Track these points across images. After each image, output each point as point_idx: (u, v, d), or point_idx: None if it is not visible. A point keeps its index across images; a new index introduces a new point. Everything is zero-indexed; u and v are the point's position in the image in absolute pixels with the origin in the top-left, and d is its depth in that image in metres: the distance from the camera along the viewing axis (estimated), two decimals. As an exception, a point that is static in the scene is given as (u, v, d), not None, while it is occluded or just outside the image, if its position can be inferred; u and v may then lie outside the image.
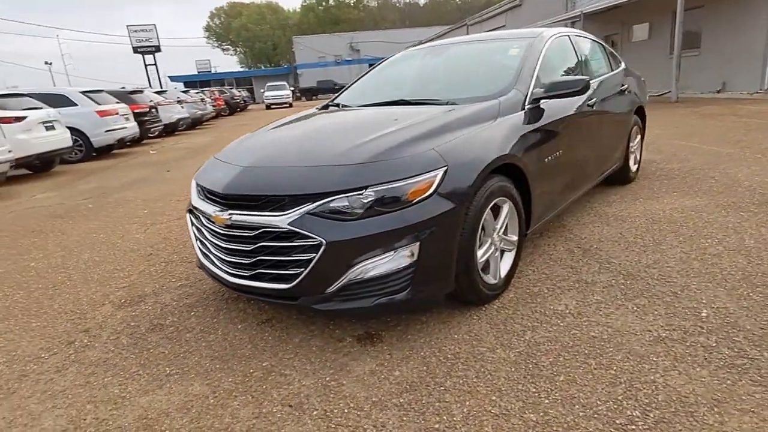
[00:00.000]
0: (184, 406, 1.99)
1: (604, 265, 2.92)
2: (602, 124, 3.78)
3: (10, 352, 2.57)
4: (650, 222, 3.60)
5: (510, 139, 2.60)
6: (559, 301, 2.54)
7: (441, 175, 2.17)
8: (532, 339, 2.22)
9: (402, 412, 1.83)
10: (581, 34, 4.09)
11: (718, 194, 4.12)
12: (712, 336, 2.11)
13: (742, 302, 2.36)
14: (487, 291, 2.49)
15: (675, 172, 5.01)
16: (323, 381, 2.07)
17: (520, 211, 2.68)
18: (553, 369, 2.00)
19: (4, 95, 8.95)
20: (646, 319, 2.29)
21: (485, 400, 1.85)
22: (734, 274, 2.66)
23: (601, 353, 2.07)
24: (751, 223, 3.38)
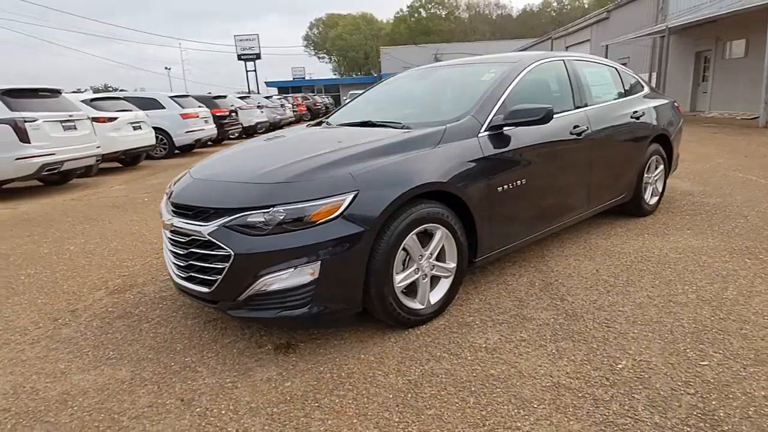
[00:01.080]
0: (102, 388, 2.22)
1: (554, 302, 2.78)
2: (597, 153, 3.56)
3: (9, 323, 3.00)
4: (637, 260, 3.33)
5: (447, 166, 2.58)
6: (484, 334, 2.48)
7: (350, 199, 2.23)
8: (431, 369, 2.20)
9: (268, 421, 1.92)
10: (586, 58, 3.89)
11: (736, 236, 3.70)
12: (611, 390, 1.97)
13: (671, 358, 2.16)
14: (408, 315, 2.49)
15: (706, 207, 4.55)
16: (223, 382, 2.21)
17: (459, 239, 2.64)
18: (429, 402, 1.97)
19: (100, 98, 10.18)
20: (556, 364, 2.17)
21: (346, 422, 1.88)
22: (686, 326, 2.43)
23: (486, 393, 2.01)
24: (749, 272, 3.03)
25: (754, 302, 2.63)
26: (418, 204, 2.45)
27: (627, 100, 4.03)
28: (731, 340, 2.27)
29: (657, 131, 4.18)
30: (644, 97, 4.25)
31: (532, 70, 3.28)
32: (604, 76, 4.00)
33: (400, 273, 2.46)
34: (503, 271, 3.29)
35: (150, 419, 1.98)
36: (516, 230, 3.05)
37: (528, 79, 3.24)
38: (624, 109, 3.92)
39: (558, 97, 3.44)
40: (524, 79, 3.19)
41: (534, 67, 3.30)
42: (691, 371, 2.06)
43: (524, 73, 3.19)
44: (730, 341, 2.27)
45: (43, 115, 7.68)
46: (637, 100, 4.12)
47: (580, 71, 3.65)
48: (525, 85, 3.21)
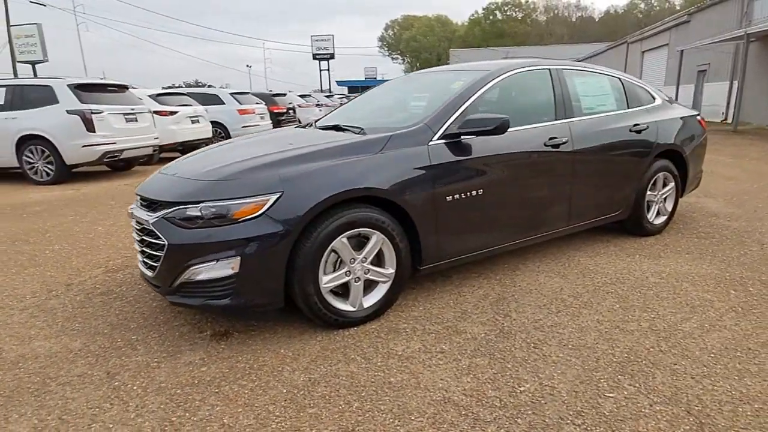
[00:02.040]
0: (52, 355, 2.47)
1: (496, 318, 2.70)
2: (581, 166, 3.37)
3: (14, 290, 3.38)
4: (610, 282, 3.13)
5: (386, 172, 2.58)
6: (407, 342, 2.46)
7: (273, 200, 2.31)
8: (336, 370, 2.23)
9: (167, 401, 2.05)
10: (581, 68, 3.68)
11: (738, 265, 3.36)
12: (497, 412, 1.90)
13: (580, 386, 2.03)
14: (335, 316, 2.53)
15: (724, 231, 4.15)
16: (150, 360, 2.38)
17: (397, 245, 2.63)
18: (315, 401, 2.01)
19: (163, 94, 11.00)
20: (459, 380, 2.12)
21: (232, 410, 1.96)
22: (617, 355, 2.27)
23: (374, 399, 2.01)
24: (725, 305, 2.75)
25: (710, 337, 2.40)
26: (350, 208, 2.48)
27: (626, 113, 3.77)
28: (656, 375, 2.10)
29: (664, 146, 3.87)
30: (653, 109, 3.95)
31: (505, 80, 3.17)
32: (602, 87, 3.76)
33: (330, 274, 2.50)
34: (464, 281, 3.22)
35: (73, 387, 2.17)
36: (472, 241, 2.98)
37: (500, 88, 3.14)
38: (621, 122, 3.67)
39: (535, 108, 3.30)
40: (494, 88, 3.10)
41: (508, 76, 3.19)
42: (591, 402, 1.93)
43: (493, 83, 3.10)
44: (654, 375, 2.09)
45: (108, 107, 8.43)
46: (640, 113, 3.84)
47: (569, 81, 3.47)
48: (495, 94, 3.12)
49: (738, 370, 2.12)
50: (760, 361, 2.19)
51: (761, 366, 2.15)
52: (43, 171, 8.21)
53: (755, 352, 2.26)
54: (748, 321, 2.56)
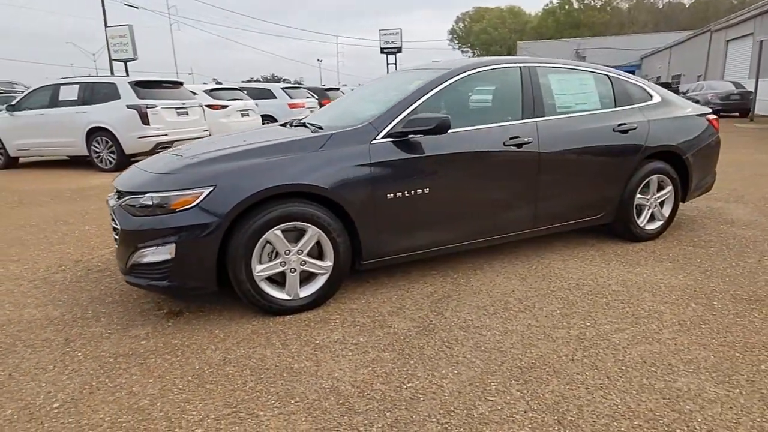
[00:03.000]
0: (32, 321, 2.82)
1: (428, 315, 2.71)
2: (550, 167, 3.26)
3: (35, 263, 3.86)
4: (567, 288, 3.02)
5: (324, 169, 2.68)
6: (330, 333, 2.55)
7: (207, 193, 2.49)
8: (252, 353, 2.37)
9: (96, 367, 2.29)
10: (559, 65, 3.51)
11: (719, 277, 3.10)
12: (371, 404, 1.95)
13: (467, 388, 2.03)
14: (268, 303, 2.68)
15: (730, 240, 3.80)
16: (104, 331, 2.66)
17: (335, 240, 2.73)
18: (217, 379, 2.17)
19: (216, 89, 11.70)
20: (357, 371, 2.19)
21: (144, 381, 2.17)
22: (524, 361, 2.22)
23: (268, 382, 2.13)
24: (676, 318, 2.57)
25: (634, 350, 2.28)
26: (284, 202, 2.61)
27: (611, 112, 3.55)
28: (551, 383, 2.04)
29: (657, 147, 3.62)
30: (647, 108, 3.69)
31: (465, 79, 3.13)
32: (584, 86, 3.57)
33: (265, 263, 2.65)
34: (420, 278, 3.24)
35: (33, 349, 2.50)
36: (419, 239, 2.99)
37: (458, 87, 3.11)
38: (602, 122, 3.48)
39: (497, 107, 3.23)
40: (450, 88, 3.07)
41: (468, 75, 3.14)
42: (468, 404, 1.93)
43: (450, 82, 3.07)
44: (548, 383, 2.04)
45: (161, 102, 9.15)
46: (629, 112, 3.60)
47: (543, 80, 3.34)
48: (452, 94, 3.10)
49: (641, 386, 2.01)
50: (673, 378, 2.05)
51: (669, 383, 2.02)
52: (107, 159, 9.08)
53: (674, 368, 2.12)
54: (689, 336, 2.39)
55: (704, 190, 4.16)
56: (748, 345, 2.30)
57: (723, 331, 2.43)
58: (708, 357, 2.21)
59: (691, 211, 4.76)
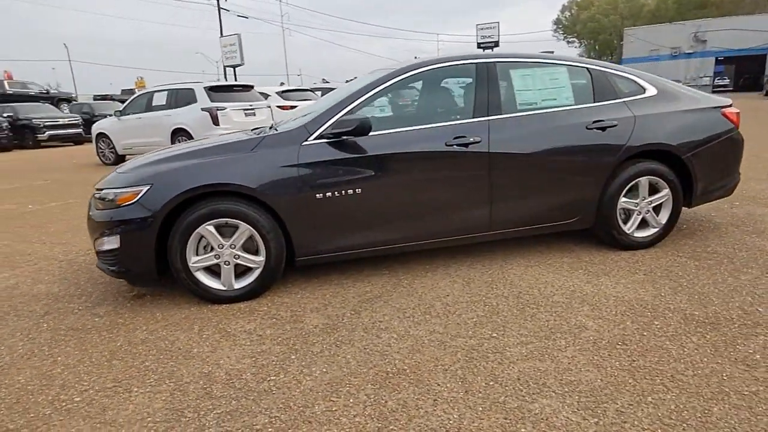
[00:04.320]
0: (34, 295, 3.33)
1: (346, 314, 2.74)
2: (506, 168, 3.07)
3: (72, 246, 4.52)
4: (506, 297, 2.84)
5: (253, 169, 2.82)
6: (246, 323, 2.69)
7: (145, 191, 2.77)
8: (168, 335, 2.60)
9: (49, 337, 2.67)
10: (526, 59, 3.25)
11: (691, 294, 2.70)
12: (226, 392, 2.06)
13: (311, 382, 2.05)
14: (203, 292, 2.90)
15: (740, 251, 3.27)
16: (76, 308, 3.07)
17: (265, 236, 2.86)
18: (122, 355, 2.42)
19: (287, 90, 12.40)
20: (241, 361, 2.32)
21: (63, 353, 2.50)
22: (380, 365, 2.17)
23: (159, 363, 2.33)
24: (595, 336, 2.32)
25: (520, 366, 2.11)
26: (217, 200, 2.81)
27: (585, 108, 3.22)
28: (402, 393, 1.99)
29: (644, 146, 3.21)
30: (637, 102, 3.28)
31: (411, 78, 3.07)
32: (555, 80, 3.26)
33: (201, 255, 2.88)
34: (365, 276, 3.25)
35: (19, 318, 2.98)
36: (354, 239, 3.01)
37: (402, 87, 3.06)
38: (573, 118, 3.17)
39: (444, 106, 3.10)
40: (393, 87, 3.03)
41: (414, 74, 3.07)
42: (309, 402, 1.96)
43: (392, 83, 3.02)
44: (399, 393, 1.99)
45: (231, 105, 9.98)
46: (610, 107, 3.23)
47: (500, 76, 3.14)
48: (394, 93, 3.06)
49: (492, 403, 1.87)
50: (534, 399, 1.88)
51: (525, 404, 1.85)
52: (186, 157, 10.14)
53: (544, 388, 1.94)
54: (592, 356, 2.15)
55: (721, 194, 3.60)
56: (652, 372, 2.01)
57: (636, 355, 2.15)
58: (593, 380, 1.98)
59: (723, 216, 4.13)
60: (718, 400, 1.81)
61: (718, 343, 2.21)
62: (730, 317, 2.43)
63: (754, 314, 2.45)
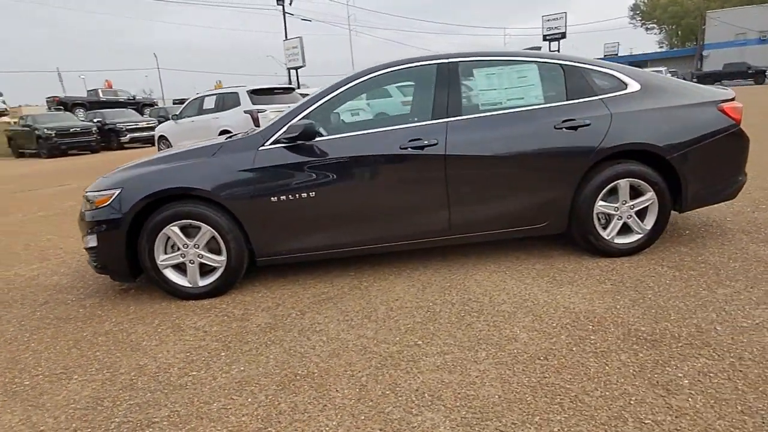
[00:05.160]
0: (39, 285, 3.72)
1: (289, 314, 2.80)
2: (464, 170, 2.97)
3: (61, 241, 4.95)
4: (453, 304, 2.75)
5: (211, 173, 2.96)
6: (198, 319, 2.83)
7: (116, 194, 2.98)
8: (122, 328, 2.80)
9: (36, 324, 2.98)
10: (493, 57, 3.10)
11: (647, 308, 2.48)
12: (149, 385, 2.19)
13: (225, 380, 2.12)
14: (170, 288, 3.08)
15: (733, 263, 2.93)
16: (71, 299, 3.37)
17: (225, 237, 2.99)
18: (68, 342, 2.64)
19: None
20: (175, 356, 2.45)
21: (39, 339, 2.77)
22: (294, 367, 2.19)
23: (95, 350, 2.53)
24: (522, 347, 2.20)
25: (427, 377, 2.05)
26: (179, 202, 2.97)
27: (555, 106, 3.02)
28: (300, 395, 2.01)
29: (618, 146, 2.97)
30: (615, 99, 3.02)
31: (369, 81, 3.05)
32: (522, 78, 3.08)
33: (169, 254, 3.06)
34: (330, 278, 3.28)
35: (22, 306, 3.32)
36: (311, 241, 3.06)
37: (357, 91, 3.06)
38: (541, 118, 2.99)
39: (401, 108, 3.05)
40: (349, 92, 3.04)
41: (372, 78, 3.05)
42: (210, 398, 2.04)
43: (348, 87, 3.03)
44: (297, 395, 2.02)
45: (271, 107, 10.36)
46: (585, 105, 3.01)
47: (462, 76, 3.03)
48: (350, 97, 3.06)
49: (378, 413, 1.85)
50: (419, 411, 1.83)
51: (409, 416, 1.81)
52: (232, 157, 10.69)
53: (431, 400, 1.88)
54: (497, 370, 2.04)
55: (721, 197, 3.24)
56: (556, 391, 1.88)
57: (552, 371, 2.01)
58: (491, 396, 1.89)
59: (740, 220, 3.71)
60: (609, 427, 1.67)
61: (648, 363, 2.01)
62: (679, 335, 2.20)
63: (708, 333, 2.20)
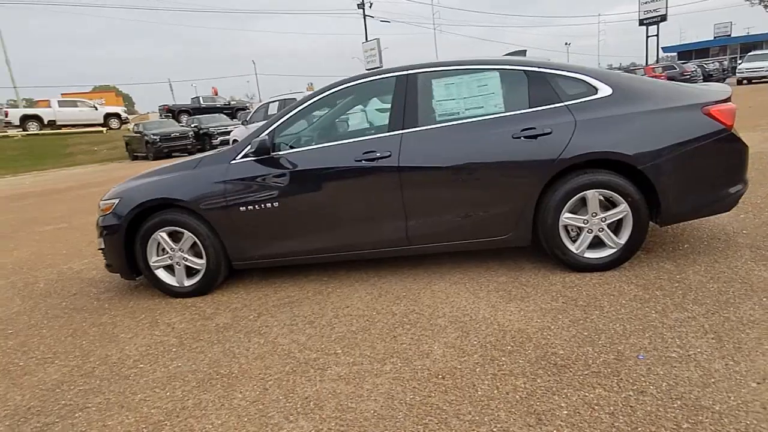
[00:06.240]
0: (58, 272, 4.30)
1: (249, 317, 3.00)
2: (418, 182, 2.96)
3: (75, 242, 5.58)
4: (395, 314, 2.77)
5: (190, 185, 3.24)
6: (172, 316, 3.13)
7: (116, 203, 3.39)
8: (98, 320, 3.18)
9: (46, 311, 3.49)
10: (454, 67, 3.01)
11: (581, 331, 2.31)
12: (95, 374, 2.51)
13: (158, 375, 2.36)
14: (162, 287, 3.42)
15: (714, 284, 2.59)
16: (88, 290, 3.87)
17: (204, 243, 3.27)
18: (40, 331, 3.05)
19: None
20: (137, 348, 2.75)
21: (38, 324, 3.24)
22: (227, 369, 2.36)
23: (63, 328, 2.89)
24: (428, 362, 2.18)
25: (320, 386, 2.12)
26: (165, 211, 3.30)
27: (516, 115, 2.86)
28: (168, 390, 2.18)
29: (582, 156, 2.76)
30: (582, 105, 2.80)
31: (330, 97, 3.15)
32: (482, 87, 2.95)
33: (160, 256, 3.41)
34: (305, 283, 3.42)
35: (57, 295, 3.88)
36: (278, 248, 3.24)
37: (322, 105, 3.17)
38: (499, 127, 2.87)
39: (360, 121, 3.09)
40: (314, 106, 3.17)
41: (337, 92, 3.15)
42: (127, 394, 2.29)
43: (314, 101, 3.15)
44: (167, 391, 2.19)
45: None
46: (548, 113, 2.82)
47: (420, 87, 3.00)
48: (314, 112, 3.17)
49: (248, 420, 1.96)
50: (285, 421, 1.91)
51: (268, 423, 1.90)
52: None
53: (306, 410, 1.95)
54: (368, 386, 2.05)
55: (712, 210, 2.88)
56: (428, 410, 1.86)
57: (437, 391, 1.98)
58: (366, 410, 1.92)
59: (756, 235, 3.24)
60: (453, 452, 1.63)
61: (539, 389, 1.91)
62: (593, 362, 2.05)
63: (624, 362, 2.02)
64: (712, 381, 1.83)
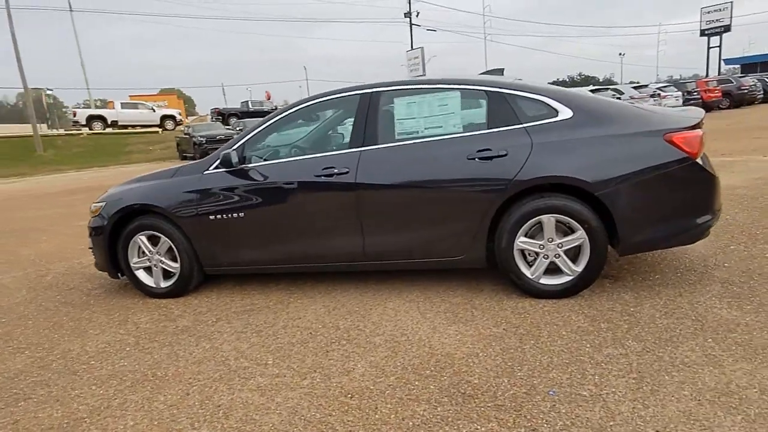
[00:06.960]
0: (71, 266, 4.59)
1: (209, 321, 3.10)
2: (374, 200, 2.98)
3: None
4: (337, 329, 2.79)
5: (166, 193, 3.40)
6: (140, 315, 3.29)
7: (102, 206, 3.60)
8: (80, 314, 3.37)
9: (37, 305, 3.75)
10: (417, 86, 3.00)
11: (505, 360, 2.23)
12: (55, 370, 2.67)
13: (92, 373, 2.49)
14: (142, 287, 3.60)
15: (665, 318, 2.43)
16: (85, 286, 4.13)
17: (179, 248, 3.42)
18: (22, 319, 3.27)
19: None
20: (96, 345, 2.91)
21: (23, 313, 3.48)
22: (164, 372, 2.46)
23: (42, 322, 3.09)
24: (328, 382, 2.18)
25: (220, 399, 2.16)
26: (144, 216, 3.48)
27: (471, 136, 2.81)
28: (72, 390, 2.29)
29: (536, 179, 2.68)
30: (540, 128, 2.72)
31: (298, 113, 3.22)
32: (443, 106, 2.91)
33: (140, 258, 3.60)
34: (274, 292, 3.50)
35: (56, 289, 4.18)
36: (244, 256, 3.34)
37: (289, 121, 3.24)
38: (454, 147, 2.83)
39: (323, 138, 3.13)
40: (281, 122, 3.25)
41: (302, 108, 3.22)
42: (70, 389, 2.42)
43: (283, 116, 3.23)
44: (70, 391, 2.29)
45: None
46: (504, 134, 2.76)
47: (382, 105, 3.01)
48: (281, 128, 3.26)
49: (168, 420, 2.03)
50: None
51: (186, 428, 1.96)
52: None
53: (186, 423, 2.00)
54: (295, 401, 2.06)
55: (677, 241, 2.71)
56: (317, 426, 1.86)
57: (309, 402, 1.97)
58: (266, 422, 1.95)
59: (738, 269, 3.00)
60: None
61: (435, 418, 1.87)
62: (503, 394, 1.98)
63: (534, 396, 1.94)
64: (609, 425, 1.73)
